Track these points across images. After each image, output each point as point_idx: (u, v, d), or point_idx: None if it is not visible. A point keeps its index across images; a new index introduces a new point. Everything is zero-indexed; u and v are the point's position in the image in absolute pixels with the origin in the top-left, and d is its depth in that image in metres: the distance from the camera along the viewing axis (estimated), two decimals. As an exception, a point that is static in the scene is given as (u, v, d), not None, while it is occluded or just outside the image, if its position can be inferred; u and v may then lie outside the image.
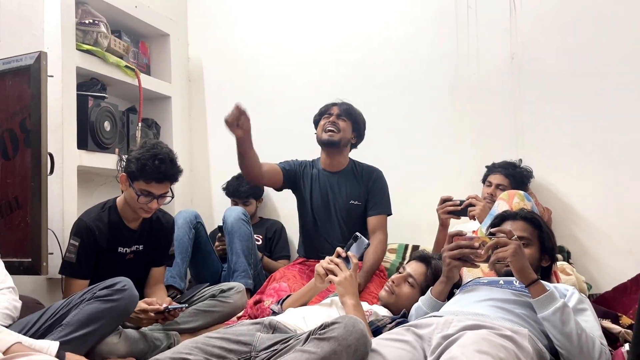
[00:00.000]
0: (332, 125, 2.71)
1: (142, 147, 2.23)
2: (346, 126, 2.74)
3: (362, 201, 2.76)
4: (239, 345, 1.59)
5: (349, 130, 2.76)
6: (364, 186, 2.78)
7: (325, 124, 2.73)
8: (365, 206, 2.77)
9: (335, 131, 2.71)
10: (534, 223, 1.97)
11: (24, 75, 2.30)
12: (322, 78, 3.49)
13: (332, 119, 2.72)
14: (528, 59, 3.11)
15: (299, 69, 3.57)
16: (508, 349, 1.39)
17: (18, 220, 2.29)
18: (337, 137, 2.71)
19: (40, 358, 1.20)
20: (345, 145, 2.77)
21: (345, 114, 2.74)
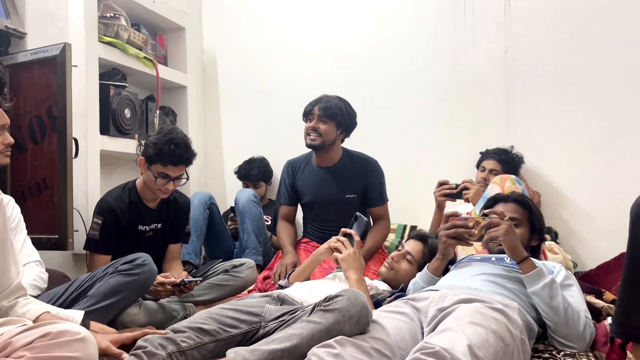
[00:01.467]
0: (313, 132, 2.59)
1: (158, 132, 2.23)
2: (327, 128, 2.59)
3: (358, 193, 2.67)
4: (249, 316, 1.60)
5: (331, 131, 2.60)
6: (361, 178, 2.67)
7: (307, 129, 2.62)
8: (362, 198, 2.68)
9: (317, 136, 2.59)
10: (524, 205, 1.97)
11: (51, 65, 2.29)
12: (328, 70, 3.47)
13: (313, 123, 2.59)
14: (521, 52, 3.08)
15: (306, 61, 3.55)
16: (499, 321, 1.39)
17: (46, 200, 2.30)
18: (319, 142, 2.59)
19: (67, 325, 1.21)
20: (331, 144, 2.64)
21: (326, 115, 2.58)
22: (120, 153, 2.88)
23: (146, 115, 3.09)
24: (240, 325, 1.57)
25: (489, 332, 1.31)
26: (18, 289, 1.39)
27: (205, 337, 1.50)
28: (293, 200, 2.82)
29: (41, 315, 1.38)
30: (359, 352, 1.30)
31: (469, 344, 1.22)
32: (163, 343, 1.41)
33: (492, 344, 1.28)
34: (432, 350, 1.16)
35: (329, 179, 2.70)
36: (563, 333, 1.59)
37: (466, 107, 3.18)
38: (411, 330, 1.46)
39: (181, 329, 1.48)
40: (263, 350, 1.34)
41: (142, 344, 1.39)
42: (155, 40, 3.32)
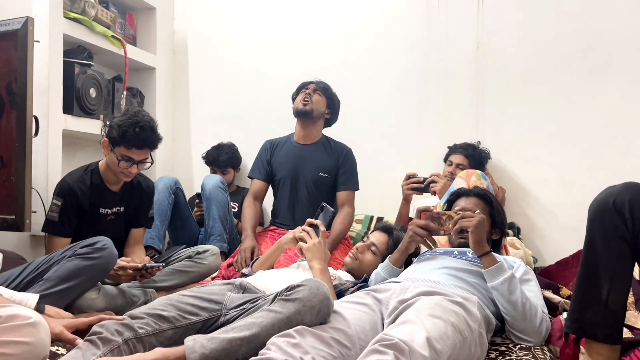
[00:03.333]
0: (307, 97, 2.72)
1: (124, 114, 2.17)
2: (320, 100, 2.75)
3: (330, 174, 2.76)
4: (210, 304, 1.58)
5: (322, 104, 2.76)
6: (334, 161, 2.77)
7: (301, 96, 2.74)
8: (333, 180, 2.76)
9: (309, 102, 2.71)
10: (485, 200, 2.00)
11: (11, 40, 2.20)
12: (300, 59, 3.43)
13: (307, 91, 2.74)
14: (492, 49, 3.11)
15: (279, 49, 3.50)
16: (458, 314, 1.40)
17: (3, 178, 2.22)
18: (309, 107, 2.71)
19: (17, 309, 1.17)
20: (318, 117, 2.76)
21: (321, 90, 2.76)
22: (84, 133, 2.81)
23: (112, 96, 3.01)
24: (200, 313, 1.55)
25: (448, 325, 1.32)
26: None
27: (164, 324, 1.47)
28: (267, 176, 2.85)
29: None
30: (318, 342, 1.29)
31: (427, 337, 1.22)
32: (120, 329, 1.38)
33: (450, 337, 1.29)
34: (391, 342, 1.16)
35: (305, 155, 2.79)
36: (520, 327, 1.62)
37: (436, 101, 3.20)
38: (372, 322, 1.46)
39: (139, 315, 1.45)
40: (222, 338, 1.32)
41: (98, 330, 1.36)
42: (125, 20, 3.23)
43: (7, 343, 1.10)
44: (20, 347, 1.12)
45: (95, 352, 1.31)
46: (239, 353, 1.32)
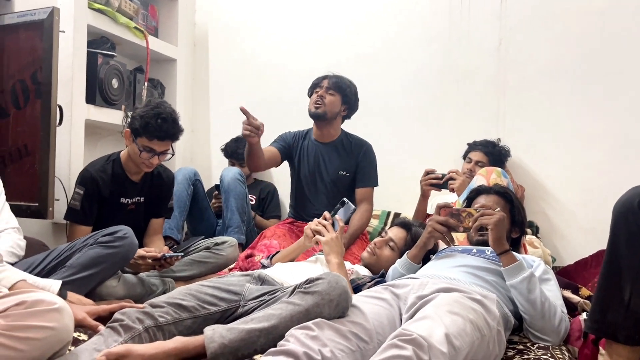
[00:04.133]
0: (319, 99, 2.66)
1: (146, 105, 2.19)
2: (334, 99, 2.67)
3: (350, 172, 2.73)
4: (229, 294, 1.59)
5: (337, 104, 2.69)
6: (354, 159, 2.74)
7: (314, 98, 2.69)
8: (353, 177, 2.74)
9: (322, 105, 2.65)
10: (505, 197, 1.98)
11: (37, 30, 2.23)
12: (319, 54, 3.42)
13: (320, 92, 2.67)
14: (514, 45, 3.07)
15: (299, 43, 3.50)
16: (477, 311, 1.40)
17: (27, 166, 2.26)
18: (322, 110, 2.65)
19: (43, 295, 1.19)
20: (333, 117, 2.71)
21: (334, 87, 2.67)
22: (105, 123, 2.84)
23: (134, 87, 3.04)
24: (219, 303, 1.56)
25: (467, 322, 1.31)
26: None
27: (184, 313, 1.49)
28: (283, 150, 2.80)
29: (17, 283, 1.37)
30: (336, 336, 1.30)
31: (446, 333, 1.22)
32: (140, 317, 1.40)
33: (469, 334, 1.29)
34: (410, 337, 1.16)
35: (325, 154, 2.75)
36: (538, 326, 1.61)
37: (456, 97, 3.18)
38: (389, 316, 1.47)
39: (159, 304, 1.47)
40: (241, 328, 1.33)
41: (119, 317, 1.38)
42: (147, 11, 3.25)
43: (33, 327, 1.12)
44: (45, 331, 1.14)
45: (116, 339, 1.33)
46: (258, 344, 1.33)
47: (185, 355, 1.32)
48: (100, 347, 1.28)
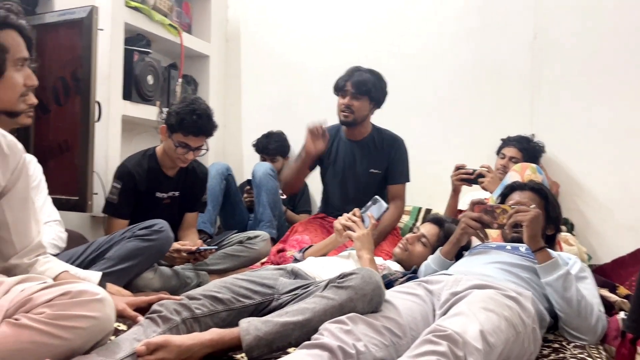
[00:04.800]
0: (346, 109, 2.61)
1: (182, 101, 2.23)
2: (360, 105, 2.61)
3: (381, 169, 2.71)
4: (263, 288, 1.61)
5: (364, 107, 2.64)
6: (385, 156, 2.72)
7: (340, 106, 2.64)
8: (384, 174, 2.72)
9: (350, 113, 2.61)
10: (540, 194, 1.95)
11: (77, 28, 2.29)
12: (350, 48, 3.42)
13: (346, 100, 2.60)
14: (550, 39, 3.02)
15: (330, 37, 3.51)
16: (512, 308, 1.39)
17: (67, 161, 2.33)
18: (352, 118, 2.63)
19: (86, 285, 1.23)
20: (363, 119, 2.68)
21: (359, 92, 2.59)
22: (141, 119, 2.90)
23: (168, 83, 3.10)
24: (253, 296, 1.59)
25: (502, 319, 1.31)
26: (38, 247, 1.41)
27: (219, 305, 1.51)
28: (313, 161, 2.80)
29: (60, 274, 1.41)
30: (370, 330, 1.31)
31: (481, 329, 1.22)
32: (178, 309, 1.43)
33: (503, 331, 1.28)
34: (445, 333, 1.16)
35: (356, 152, 2.74)
36: (574, 325, 1.59)
37: (489, 92, 3.14)
38: (423, 312, 1.47)
39: (196, 296, 1.50)
40: (275, 322, 1.35)
41: (158, 309, 1.41)
42: (181, 8, 3.30)
43: (77, 317, 1.16)
44: (89, 321, 1.17)
45: (155, 330, 1.36)
46: (292, 337, 1.35)
47: (221, 346, 1.35)
48: (140, 337, 1.32)
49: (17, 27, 1.27)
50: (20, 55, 1.27)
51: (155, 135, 2.53)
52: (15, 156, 1.34)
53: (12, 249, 1.35)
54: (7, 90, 1.26)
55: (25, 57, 1.29)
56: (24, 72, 1.31)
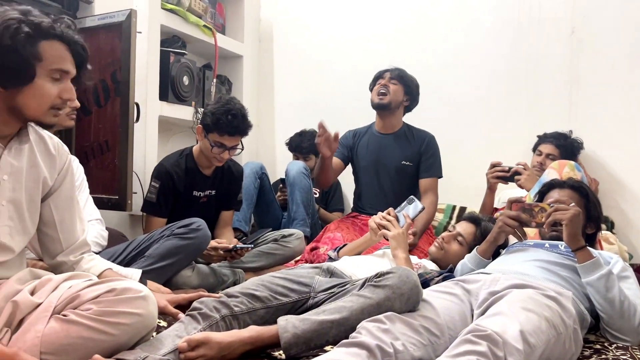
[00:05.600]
0: (383, 88, 2.70)
1: (217, 102, 2.26)
2: (397, 89, 2.71)
3: (413, 162, 2.74)
4: (299, 286, 1.63)
5: (400, 94, 2.73)
6: (417, 148, 2.75)
7: (377, 88, 2.73)
8: (416, 168, 2.74)
9: (385, 94, 2.69)
10: (580, 192, 1.91)
11: (116, 31, 2.35)
12: (383, 44, 3.42)
13: (383, 82, 2.71)
14: (588, 33, 2.95)
15: (362, 34, 3.50)
16: (552, 308, 1.36)
17: (107, 161, 2.39)
18: (387, 100, 2.70)
19: (130, 283, 1.26)
20: (396, 107, 2.74)
21: (397, 78, 2.72)
22: (177, 119, 2.95)
23: (203, 83, 3.14)
24: (290, 294, 1.60)
25: (542, 320, 1.29)
26: (83, 245, 1.46)
27: (257, 303, 1.53)
28: (345, 158, 2.87)
29: (104, 271, 1.45)
30: (408, 329, 1.31)
31: (521, 330, 1.20)
32: (217, 306, 1.46)
33: (544, 331, 1.26)
34: (484, 333, 1.15)
35: (387, 145, 2.79)
36: (617, 326, 1.55)
37: (525, 88, 3.09)
38: (461, 312, 1.45)
39: (234, 294, 1.52)
40: (313, 320, 1.37)
41: (198, 306, 1.44)
42: (215, 9, 3.34)
43: (122, 313, 1.19)
44: (133, 317, 1.21)
45: (196, 326, 1.39)
46: (329, 335, 1.36)
47: (259, 344, 1.37)
48: (181, 333, 1.35)
49: (65, 40, 1.22)
50: (59, 67, 1.21)
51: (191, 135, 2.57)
52: (62, 157, 1.39)
53: (59, 247, 1.40)
54: (34, 98, 1.20)
55: (64, 70, 1.22)
56: (62, 86, 1.23)
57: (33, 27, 1.17)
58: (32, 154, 1.31)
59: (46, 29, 1.19)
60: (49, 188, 1.36)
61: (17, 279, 1.28)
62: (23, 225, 1.30)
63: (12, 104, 1.20)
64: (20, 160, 1.28)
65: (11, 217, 1.27)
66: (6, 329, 1.19)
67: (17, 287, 1.25)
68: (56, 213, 1.39)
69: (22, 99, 1.20)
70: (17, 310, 1.20)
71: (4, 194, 1.25)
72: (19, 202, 1.28)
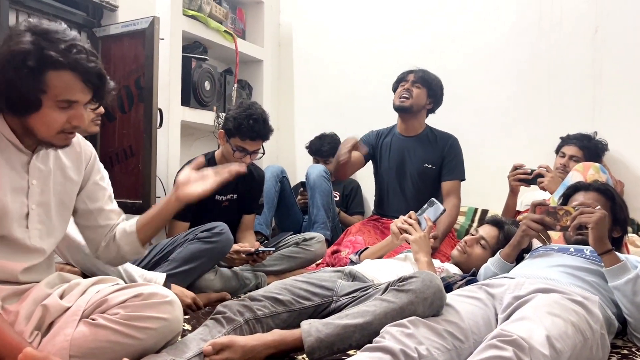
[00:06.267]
0: (405, 92, 2.67)
1: (239, 107, 2.28)
2: (420, 92, 2.68)
3: (435, 165, 2.72)
4: (322, 290, 1.63)
5: (423, 97, 2.69)
6: (439, 151, 2.73)
7: (400, 91, 2.70)
8: (438, 170, 2.72)
9: (408, 97, 2.66)
10: (606, 194, 1.88)
11: (139, 38, 2.38)
12: (403, 47, 3.41)
13: (406, 86, 2.68)
14: (612, 33, 2.90)
15: (382, 37, 3.50)
16: (579, 313, 1.35)
17: (131, 166, 2.42)
18: (409, 103, 2.67)
19: (157, 288, 1.28)
20: (418, 110, 2.72)
21: (420, 81, 2.68)
22: (199, 124, 2.98)
23: (224, 88, 3.17)
24: (313, 298, 1.61)
25: (568, 325, 1.27)
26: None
27: (280, 307, 1.54)
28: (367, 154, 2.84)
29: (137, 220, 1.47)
30: (432, 334, 1.30)
31: (547, 335, 1.19)
32: (241, 310, 1.47)
33: (570, 337, 1.25)
34: (510, 339, 1.14)
35: (410, 147, 2.76)
36: (645, 331, 1.53)
37: (547, 89, 3.05)
38: (485, 316, 1.44)
39: (257, 298, 1.53)
40: (337, 324, 1.37)
41: (222, 310, 1.46)
42: (235, 14, 3.37)
43: (149, 318, 1.21)
44: (160, 322, 1.22)
45: (220, 330, 1.41)
46: (352, 339, 1.36)
47: (283, 347, 1.38)
48: (206, 337, 1.36)
49: (75, 70, 1.18)
50: (66, 97, 1.19)
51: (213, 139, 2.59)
52: (86, 152, 1.42)
53: (101, 233, 1.44)
54: (42, 125, 1.21)
55: (72, 100, 1.20)
56: (72, 112, 1.21)
57: (40, 58, 1.14)
58: (57, 158, 1.34)
59: (54, 59, 1.15)
60: (79, 185, 1.39)
61: (46, 282, 1.30)
62: (52, 228, 1.33)
63: (24, 125, 1.22)
64: (47, 164, 1.31)
65: (41, 220, 1.30)
66: (36, 332, 1.21)
67: (47, 290, 1.28)
68: (92, 203, 1.42)
69: (32, 123, 1.21)
70: (47, 314, 1.23)
71: (34, 198, 1.28)
72: (47, 205, 1.31)
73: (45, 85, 1.16)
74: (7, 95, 1.17)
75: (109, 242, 1.44)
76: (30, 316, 1.22)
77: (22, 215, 1.26)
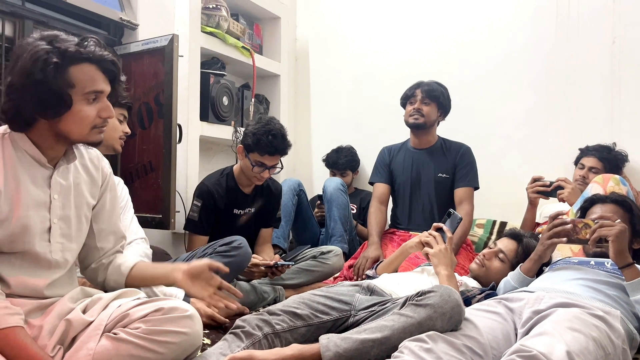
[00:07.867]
0: (416, 112, 2.69)
1: (257, 122, 2.31)
2: (430, 109, 2.70)
3: (449, 174, 2.73)
4: (340, 304, 1.64)
5: (434, 112, 2.72)
6: (452, 160, 2.75)
7: (410, 111, 2.72)
8: (452, 179, 2.73)
9: (420, 116, 2.69)
10: (624, 206, 1.86)
11: (159, 55, 2.42)
12: (419, 59, 3.41)
13: (416, 105, 2.70)
14: (630, 43, 2.88)
15: (397, 50, 3.51)
16: (600, 328, 1.33)
17: (151, 181, 2.45)
18: (422, 121, 2.70)
19: (177, 302, 1.30)
20: (431, 125, 2.74)
21: (429, 97, 2.70)
22: (217, 139, 3.01)
23: (242, 103, 3.20)
24: (331, 312, 1.61)
25: (589, 340, 1.26)
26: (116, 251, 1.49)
27: (298, 321, 1.55)
28: (389, 179, 2.87)
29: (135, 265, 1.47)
30: (450, 349, 1.30)
31: (567, 350, 1.18)
32: (260, 324, 1.48)
33: (592, 352, 1.24)
34: (530, 354, 1.14)
35: (423, 159, 2.78)
36: (668, 345, 1.50)
37: (565, 100, 3.03)
38: (504, 331, 1.44)
39: (276, 312, 1.54)
40: (355, 338, 1.37)
41: (241, 324, 1.47)
42: (252, 30, 3.42)
43: (170, 332, 1.23)
44: (180, 336, 1.24)
45: (239, 344, 1.42)
46: (371, 354, 1.36)
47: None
48: (225, 351, 1.38)
49: (93, 61, 1.25)
50: (92, 88, 1.25)
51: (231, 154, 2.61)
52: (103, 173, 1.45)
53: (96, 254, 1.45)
54: (75, 124, 1.25)
55: (98, 90, 1.26)
56: (99, 105, 1.27)
57: (60, 55, 1.20)
58: (77, 173, 1.38)
59: (73, 54, 1.22)
60: (93, 204, 1.42)
61: (70, 297, 1.33)
62: (72, 241, 1.36)
63: (56, 131, 1.26)
64: (68, 179, 1.35)
65: (63, 234, 1.33)
66: (59, 346, 1.24)
67: (70, 305, 1.30)
68: (95, 223, 1.44)
69: (64, 125, 1.25)
70: (70, 329, 1.25)
71: (56, 212, 1.31)
72: (68, 219, 1.34)
73: (71, 81, 1.22)
74: (40, 98, 1.20)
75: (99, 266, 1.45)
76: (53, 330, 1.25)
77: (45, 230, 1.29)
